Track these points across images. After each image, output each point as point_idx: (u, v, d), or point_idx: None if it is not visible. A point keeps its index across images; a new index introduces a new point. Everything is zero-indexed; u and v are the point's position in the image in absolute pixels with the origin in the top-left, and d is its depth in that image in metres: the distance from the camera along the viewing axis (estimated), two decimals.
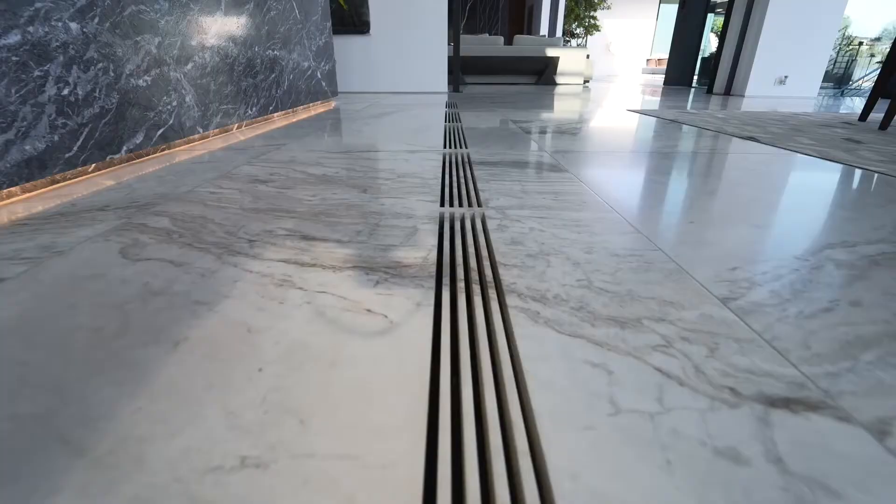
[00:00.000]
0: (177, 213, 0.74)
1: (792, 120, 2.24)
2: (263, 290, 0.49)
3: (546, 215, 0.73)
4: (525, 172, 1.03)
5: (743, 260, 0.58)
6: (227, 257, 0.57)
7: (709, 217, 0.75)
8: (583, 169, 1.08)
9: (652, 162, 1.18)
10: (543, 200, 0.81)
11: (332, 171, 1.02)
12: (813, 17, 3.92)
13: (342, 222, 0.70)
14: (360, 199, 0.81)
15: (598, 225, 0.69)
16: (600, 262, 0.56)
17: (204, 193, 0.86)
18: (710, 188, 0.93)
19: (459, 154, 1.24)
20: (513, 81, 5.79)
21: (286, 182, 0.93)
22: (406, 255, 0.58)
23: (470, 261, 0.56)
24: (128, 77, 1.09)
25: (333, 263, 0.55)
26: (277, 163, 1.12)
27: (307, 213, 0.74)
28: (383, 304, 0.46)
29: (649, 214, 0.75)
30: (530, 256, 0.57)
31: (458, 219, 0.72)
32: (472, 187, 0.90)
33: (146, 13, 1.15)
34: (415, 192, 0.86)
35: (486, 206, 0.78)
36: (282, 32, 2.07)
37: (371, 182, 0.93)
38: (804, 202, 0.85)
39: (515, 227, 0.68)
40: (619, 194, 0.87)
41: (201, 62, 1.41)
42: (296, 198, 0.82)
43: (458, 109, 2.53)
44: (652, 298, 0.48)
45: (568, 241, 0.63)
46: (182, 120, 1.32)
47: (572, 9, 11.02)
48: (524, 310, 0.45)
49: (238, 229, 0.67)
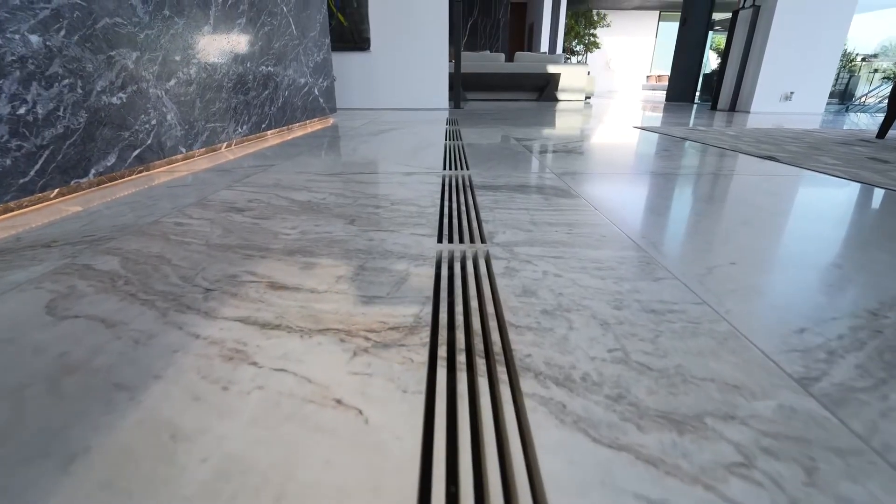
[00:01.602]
0: (131, 252, 0.64)
1: (807, 137, 2.15)
2: (207, 368, 0.38)
3: (561, 254, 0.63)
4: (532, 198, 0.93)
5: (808, 317, 0.47)
6: (172, 315, 0.46)
7: (751, 255, 0.64)
8: (595, 194, 0.97)
9: (669, 185, 1.08)
10: (556, 234, 0.71)
11: (318, 198, 0.92)
12: (817, 32, 3.88)
13: (321, 264, 0.59)
14: (345, 233, 0.71)
15: (624, 267, 0.58)
16: (634, 322, 0.45)
17: (169, 225, 0.76)
18: (742, 217, 0.82)
19: (460, 176, 1.14)
20: (514, 98, 5.76)
21: (265, 211, 0.83)
22: (394, 311, 0.47)
23: (472, 320, 0.45)
24: (99, 94, 1.00)
25: (302, 324, 0.44)
26: (260, 187, 1.02)
27: (281, 252, 0.63)
28: (359, 389, 0.35)
29: (681, 252, 0.65)
30: (547, 314, 0.46)
31: (459, 259, 0.61)
32: (474, 217, 0.80)
33: (123, 26, 1.07)
34: (409, 223, 0.76)
35: (490, 241, 0.68)
36: (276, 48, 2.00)
37: (360, 211, 0.83)
38: (854, 235, 0.74)
39: (526, 270, 0.57)
40: (640, 225, 0.76)
41: (186, 78, 1.33)
42: (272, 231, 0.72)
43: (458, 126, 2.45)
44: (710, 380, 0.37)
45: (591, 290, 0.52)
46: (162, 139, 1.23)
47: (572, 27, 11.12)
48: (545, 400, 0.34)
49: (196, 273, 0.56)
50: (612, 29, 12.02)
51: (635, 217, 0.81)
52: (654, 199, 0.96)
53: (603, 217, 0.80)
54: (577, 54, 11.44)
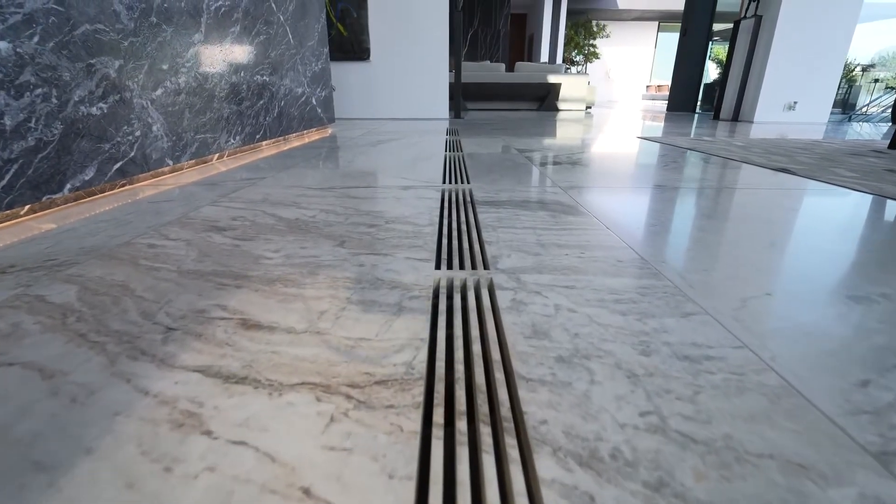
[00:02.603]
0: (93, 279, 0.57)
1: (817, 148, 2.10)
2: (151, 438, 0.31)
3: (573, 283, 0.56)
4: (538, 216, 0.86)
5: (868, 364, 0.40)
6: (122, 363, 0.39)
7: (786, 284, 0.57)
8: (605, 210, 0.91)
9: (683, 201, 1.02)
10: (566, 258, 0.64)
11: (308, 215, 0.86)
12: (820, 42, 3.85)
13: (303, 296, 0.52)
14: (333, 257, 0.64)
15: (647, 300, 0.51)
16: (667, 373, 0.38)
17: (142, 247, 0.69)
18: (768, 237, 0.76)
19: (460, 191, 1.08)
20: (515, 107, 5.74)
21: (248, 230, 0.77)
22: (383, 358, 0.40)
23: (475, 370, 0.38)
24: (76, 104, 0.94)
25: (273, 377, 0.37)
26: (247, 202, 0.96)
27: (260, 280, 0.56)
28: (334, 473, 0.28)
29: (707, 280, 0.58)
30: (562, 362, 0.39)
31: (459, 289, 0.55)
32: (475, 238, 0.73)
33: (105, 33, 1.01)
34: (404, 245, 0.69)
35: (494, 266, 0.61)
36: (272, 57, 1.95)
37: (352, 230, 0.76)
38: (893, 258, 0.68)
39: (535, 304, 0.50)
40: (657, 247, 0.69)
41: (174, 88, 1.27)
42: (253, 254, 0.65)
43: (459, 137, 2.40)
44: (769, 457, 0.30)
45: (611, 330, 0.45)
46: (147, 152, 1.17)
47: (572, 37, 11.17)
48: (567, 490, 0.27)
49: (160, 308, 0.49)
50: (612, 39, 12.08)
51: (651, 237, 0.75)
52: (669, 216, 0.89)
53: (616, 237, 0.74)
54: (577, 64, 11.48)
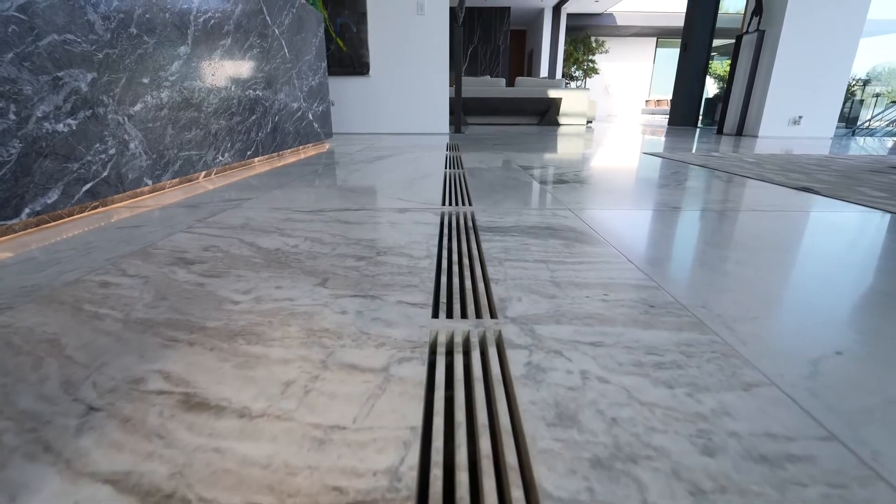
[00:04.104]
0: (20, 331, 0.47)
1: (832, 164, 2.01)
2: None
3: (601, 338, 0.46)
4: (549, 245, 0.77)
5: None
6: (14, 467, 0.29)
7: (857, 337, 0.47)
8: (624, 238, 0.81)
9: (707, 226, 0.92)
10: (588, 302, 0.54)
11: (289, 244, 0.76)
12: (824, 56, 3.82)
13: (268, 357, 0.42)
14: (311, 300, 0.54)
15: (695, 364, 0.42)
16: (744, 488, 0.28)
17: (92, 285, 0.59)
18: (815, 273, 0.66)
19: (461, 214, 0.99)
20: (515, 122, 5.70)
21: (219, 264, 0.67)
22: (359, 461, 0.30)
23: (484, 484, 0.28)
24: (39, 121, 0.86)
25: (207, 494, 0.27)
26: (225, 228, 0.87)
27: (219, 335, 0.46)
28: None
29: (761, 333, 0.48)
30: (600, 468, 0.29)
31: (461, 347, 0.45)
32: (479, 274, 0.64)
33: (76, 44, 0.94)
34: (397, 283, 0.60)
35: (502, 313, 0.51)
36: (266, 71, 1.89)
37: (338, 265, 0.67)
38: None
39: (557, 369, 0.40)
40: (692, 287, 0.60)
41: (155, 103, 1.19)
42: (218, 297, 0.55)
43: (459, 153, 2.32)
44: None
45: (658, 412, 0.35)
46: (122, 171, 1.08)
47: (571, 53, 11.25)
48: None
49: (88, 375, 0.39)
50: (611, 55, 12.17)
51: (680, 272, 0.65)
52: (695, 245, 0.80)
53: (641, 273, 0.64)
54: (577, 80, 11.55)
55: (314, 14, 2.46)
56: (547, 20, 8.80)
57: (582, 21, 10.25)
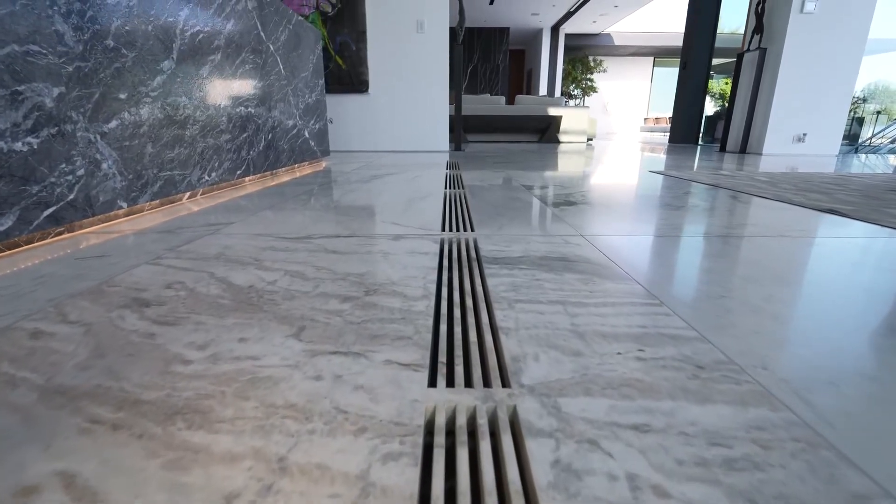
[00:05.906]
0: None
1: (850, 183, 1.93)
2: None
3: (646, 418, 0.36)
4: (565, 281, 0.67)
5: None
6: None
7: None
8: (650, 272, 0.72)
9: (737, 256, 0.83)
10: (623, 362, 0.44)
11: (266, 280, 0.66)
12: (827, 73, 3.79)
13: (209, 451, 0.32)
14: (279, 360, 0.44)
15: (777, 459, 0.31)
16: None
17: (22, 336, 0.49)
18: (879, 319, 0.56)
19: (463, 241, 0.89)
20: (515, 140, 5.67)
21: (180, 306, 0.57)
22: None
23: None
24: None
25: None
26: (197, 259, 0.77)
27: (154, 413, 0.36)
28: None
29: (848, 408, 0.37)
30: None
31: (465, 431, 0.34)
32: (485, 322, 0.53)
33: (40, 56, 0.85)
34: (387, 335, 0.50)
35: (517, 380, 0.41)
36: (260, 88, 1.82)
37: (318, 308, 0.57)
38: None
39: (595, 472, 0.30)
40: (743, 338, 0.50)
41: (133, 120, 1.11)
42: (167, 354, 0.45)
43: (460, 171, 2.24)
44: None
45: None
46: (92, 193, 0.99)
47: (570, 72, 11.37)
48: None
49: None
50: (609, 74, 12.30)
51: (724, 317, 0.55)
52: (729, 279, 0.70)
53: (679, 319, 0.54)
54: (575, 98, 11.63)
55: (312, 31, 2.41)
56: (545, 40, 8.90)
57: (580, 41, 10.37)
